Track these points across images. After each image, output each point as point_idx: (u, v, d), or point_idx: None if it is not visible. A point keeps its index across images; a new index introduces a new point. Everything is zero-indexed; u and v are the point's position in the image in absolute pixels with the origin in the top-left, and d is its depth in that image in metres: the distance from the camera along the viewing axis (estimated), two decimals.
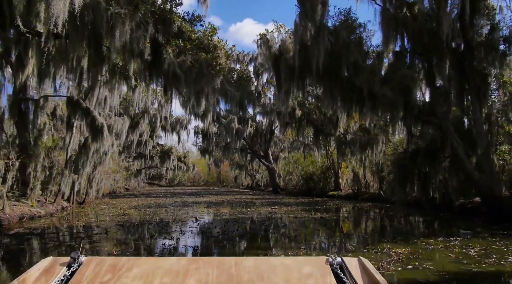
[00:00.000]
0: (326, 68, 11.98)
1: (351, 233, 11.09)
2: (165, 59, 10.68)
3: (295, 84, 13.23)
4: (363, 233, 11.06)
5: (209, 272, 1.62)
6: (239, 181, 59.22)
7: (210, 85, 11.20)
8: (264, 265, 1.69)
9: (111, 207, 19.63)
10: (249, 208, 19.20)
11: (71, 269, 1.60)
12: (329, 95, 12.71)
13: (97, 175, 21.87)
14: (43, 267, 1.62)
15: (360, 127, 23.61)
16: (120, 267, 1.63)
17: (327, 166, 29.87)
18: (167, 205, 21.21)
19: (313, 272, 1.63)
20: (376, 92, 11.59)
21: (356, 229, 11.97)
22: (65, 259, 1.67)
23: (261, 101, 37.77)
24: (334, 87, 12.44)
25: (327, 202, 23.84)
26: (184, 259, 1.75)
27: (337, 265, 1.67)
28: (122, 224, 11.97)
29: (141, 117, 32.55)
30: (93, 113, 16.33)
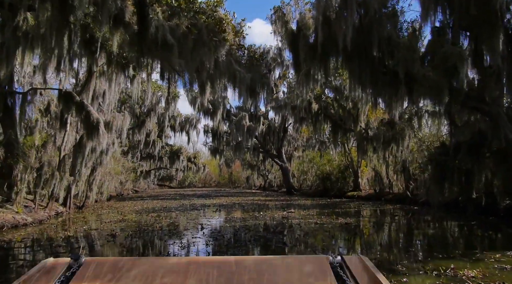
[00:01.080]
0: (353, 46, 10.04)
1: (390, 244, 9.13)
2: (151, 20, 8.79)
3: (317, 66, 11.31)
4: (406, 244, 9.08)
5: (210, 272, 1.61)
6: (251, 182, 57.39)
7: (212, 59, 9.33)
8: (264, 265, 1.69)
9: (112, 212, 17.96)
10: (262, 211, 17.33)
11: (71, 270, 1.59)
12: (356, 79, 10.74)
13: (98, 177, 20.24)
14: (44, 268, 1.61)
15: (382, 122, 21.55)
16: (120, 267, 1.62)
17: (345, 164, 27.83)
18: (173, 208, 19.46)
19: (313, 271, 1.63)
20: (414, 73, 9.62)
21: (395, 239, 10.00)
22: (66, 260, 1.67)
23: (273, 98, 35.91)
24: (363, 69, 10.49)
25: (346, 203, 21.83)
26: (185, 259, 1.83)
27: (337, 263, 1.66)
28: (115, 234, 10.19)
29: (147, 116, 30.91)
30: (88, 108, 14.64)
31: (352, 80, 10.98)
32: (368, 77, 10.41)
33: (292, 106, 21.45)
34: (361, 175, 27.20)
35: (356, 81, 10.75)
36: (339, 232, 10.59)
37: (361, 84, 10.71)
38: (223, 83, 11.23)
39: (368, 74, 10.39)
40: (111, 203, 24.40)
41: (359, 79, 10.59)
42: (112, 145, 18.55)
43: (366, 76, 10.45)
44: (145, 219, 14.31)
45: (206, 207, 20.33)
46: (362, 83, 10.66)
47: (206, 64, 9.48)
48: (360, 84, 10.78)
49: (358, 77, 10.56)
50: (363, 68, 10.41)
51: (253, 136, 32.15)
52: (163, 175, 63.06)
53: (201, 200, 28.02)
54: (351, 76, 10.96)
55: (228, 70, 10.87)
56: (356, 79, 10.68)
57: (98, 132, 14.56)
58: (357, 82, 10.79)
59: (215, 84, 11.26)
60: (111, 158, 20.41)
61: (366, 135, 20.57)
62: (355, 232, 10.40)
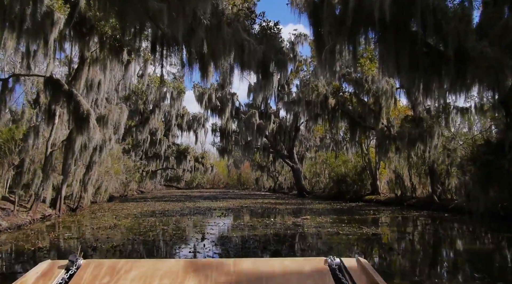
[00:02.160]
0: (390, 20, 8.14)
1: (451, 269, 7.17)
2: None
3: (344, 42, 9.38)
4: (469, 267, 7.12)
5: (208, 274, 1.61)
6: (260, 183, 55.48)
7: (208, 6, 7.43)
8: (263, 266, 1.69)
9: (108, 215, 16.25)
10: (273, 217, 15.47)
11: (69, 272, 1.58)
12: (391, 61, 8.79)
13: (94, 176, 18.56)
14: (41, 270, 1.60)
15: (406, 119, 19.53)
16: (118, 269, 1.62)
17: (362, 166, 25.81)
18: (175, 212, 17.68)
19: (312, 273, 1.63)
20: (468, 49, 7.69)
21: (452, 261, 8.02)
22: (63, 262, 1.65)
23: (284, 96, 34.06)
24: (401, 48, 8.56)
25: (365, 208, 19.84)
26: (183, 261, 1.76)
27: (335, 265, 1.65)
28: (95, 247, 8.41)
29: (151, 112, 29.23)
30: (77, 98, 12.92)
31: (385, 62, 9.02)
32: (405, 58, 8.46)
33: (306, 101, 19.54)
34: (379, 177, 25.18)
35: (390, 63, 8.81)
36: (369, 246, 8.68)
37: (398, 66, 8.73)
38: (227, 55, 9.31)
39: (405, 54, 8.44)
40: (111, 205, 22.75)
41: (394, 61, 8.63)
42: (109, 141, 16.84)
43: (403, 56, 8.51)
44: (140, 225, 12.55)
45: (211, 211, 18.52)
46: (399, 65, 8.69)
47: (200, 16, 7.56)
48: (396, 67, 8.80)
49: (394, 58, 8.59)
50: (401, 46, 8.46)
51: (263, 136, 30.29)
52: (170, 176, 61.51)
53: (207, 202, 26.23)
54: (384, 57, 9.00)
55: (234, 40, 8.96)
56: (391, 60, 8.72)
57: (88, 125, 12.83)
58: (391, 65, 8.84)
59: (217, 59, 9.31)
60: (108, 155, 18.71)
61: (388, 134, 18.58)
62: (391, 247, 8.46)
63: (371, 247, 8.63)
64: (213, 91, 31.08)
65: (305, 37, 31.57)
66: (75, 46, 13.49)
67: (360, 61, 17.03)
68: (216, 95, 31.83)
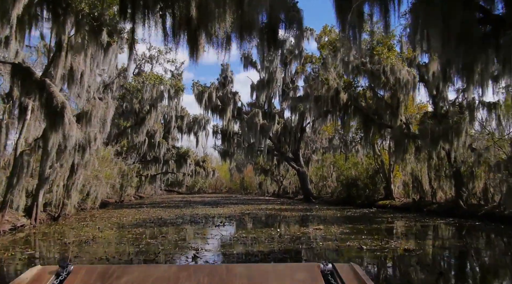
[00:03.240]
0: None
1: None
2: None
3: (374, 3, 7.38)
4: None
5: (200, 279, 1.58)
6: (264, 188, 53.43)
7: None
8: (256, 272, 1.67)
9: (91, 225, 14.35)
10: (279, 226, 13.49)
11: (59, 278, 1.56)
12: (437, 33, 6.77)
13: (78, 180, 16.66)
14: (31, 276, 1.57)
15: (425, 116, 17.54)
16: (109, 275, 1.59)
17: (375, 168, 23.79)
18: (168, 221, 15.74)
19: (304, 278, 1.61)
20: None
21: None
22: (54, 267, 1.62)
23: (289, 95, 32.14)
24: (449, 16, 6.59)
25: (382, 215, 17.83)
26: (175, 266, 1.75)
27: (328, 271, 1.63)
28: None
29: (148, 113, 27.33)
30: (50, 88, 11.04)
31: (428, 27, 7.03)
32: (456, 24, 6.48)
33: (315, 97, 17.58)
34: (393, 180, 23.16)
35: (436, 35, 6.81)
36: (408, 269, 6.69)
37: (443, 39, 6.72)
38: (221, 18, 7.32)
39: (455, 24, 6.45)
40: (102, 212, 20.85)
41: (439, 28, 6.66)
42: (94, 141, 14.94)
43: (450, 27, 6.55)
44: (123, 239, 10.61)
45: (210, 219, 16.56)
46: (444, 34, 6.72)
47: None
48: (440, 37, 6.82)
49: (441, 30, 6.60)
50: (448, 14, 6.49)
51: (267, 137, 28.33)
52: (171, 180, 59.66)
53: (208, 208, 24.27)
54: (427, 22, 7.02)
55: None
56: (437, 32, 6.71)
57: (62, 121, 10.93)
58: (436, 36, 6.84)
59: (209, 24, 7.31)
60: (95, 158, 16.81)
61: (407, 132, 16.58)
62: (441, 272, 6.46)
63: (411, 269, 6.64)
64: (213, 90, 29.21)
65: (311, 32, 29.69)
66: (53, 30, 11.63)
67: (377, 49, 15.13)
68: (217, 94, 29.94)
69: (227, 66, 31.38)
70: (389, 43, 15.66)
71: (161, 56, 30.32)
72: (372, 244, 9.04)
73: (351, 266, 1.69)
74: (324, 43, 17.36)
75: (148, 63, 30.72)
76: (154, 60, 30.51)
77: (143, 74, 25.76)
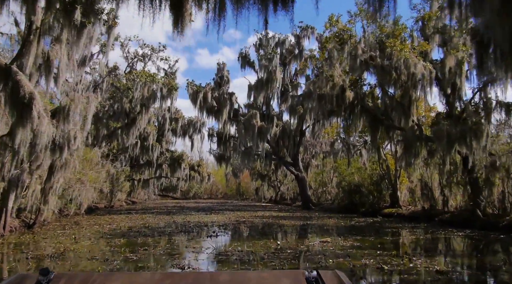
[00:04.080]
0: None
1: None
2: None
3: None
4: None
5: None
6: (260, 194, 51.85)
7: None
8: (240, 279, 1.66)
9: (67, 234, 12.80)
10: (278, 238, 11.98)
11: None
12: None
13: (57, 184, 15.10)
14: None
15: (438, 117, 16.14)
16: (91, 283, 1.55)
17: (380, 174, 22.33)
18: (156, 230, 14.21)
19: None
20: None
21: None
22: (35, 275, 1.56)
23: (288, 97, 30.72)
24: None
25: (390, 225, 16.37)
26: (159, 274, 1.73)
27: (312, 278, 1.61)
28: None
29: (139, 113, 25.77)
30: (17, 76, 9.52)
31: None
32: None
33: (319, 95, 16.05)
34: (399, 187, 21.71)
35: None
36: None
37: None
38: None
39: None
40: (86, 218, 19.29)
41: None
42: (73, 140, 13.39)
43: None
44: (96, 253, 9.05)
45: (202, 228, 15.02)
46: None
47: None
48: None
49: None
50: None
51: (265, 140, 26.81)
52: (166, 185, 58.00)
53: (201, 215, 22.71)
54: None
55: None
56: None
57: (30, 114, 9.41)
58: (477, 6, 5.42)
59: None
60: (76, 159, 15.26)
61: (419, 134, 15.13)
62: None
63: None
64: (208, 90, 27.72)
65: (312, 30, 28.37)
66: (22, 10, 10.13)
67: (390, 41, 13.70)
68: (213, 94, 28.45)
69: (223, 65, 29.93)
70: (401, 35, 14.27)
71: (154, 54, 28.91)
72: (393, 263, 7.54)
73: (335, 273, 1.66)
74: (329, 37, 15.94)
75: (141, 61, 29.29)
76: (147, 58, 29.08)
77: (133, 72, 24.25)
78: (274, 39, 29.80)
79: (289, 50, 30.65)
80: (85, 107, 12.74)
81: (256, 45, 29.96)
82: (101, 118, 24.66)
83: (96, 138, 25.40)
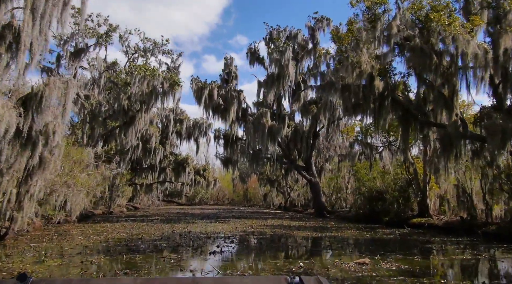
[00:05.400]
0: None
1: None
2: None
3: None
4: None
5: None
6: (269, 200, 49.37)
7: None
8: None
9: (41, 248, 10.55)
10: (299, 255, 9.58)
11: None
12: None
13: (35, 188, 12.84)
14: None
15: (484, 109, 13.66)
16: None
17: (407, 178, 19.82)
18: (148, 244, 11.89)
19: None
20: None
21: None
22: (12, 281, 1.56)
23: (300, 96, 28.37)
24: None
25: (427, 239, 13.89)
26: (140, 279, 1.68)
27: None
28: None
29: (138, 110, 23.55)
30: None
31: None
32: None
33: (343, 86, 13.57)
34: (429, 193, 19.19)
35: None
36: None
37: None
38: None
39: None
40: (75, 227, 17.10)
41: None
42: (52, 135, 11.17)
43: None
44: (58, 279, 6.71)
45: (204, 240, 12.68)
46: None
47: None
48: None
49: None
50: None
51: (276, 140, 24.42)
52: (171, 190, 55.78)
53: (205, 223, 20.38)
54: None
55: None
56: None
57: None
58: None
59: None
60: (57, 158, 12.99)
61: (464, 130, 12.68)
62: None
63: None
64: (215, 87, 25.45)
65: (328, 22, 26.04)
66: None
67: (433, 16, 11.30)
68: (219, 92, 26.17)
69: (231, 59, 27.60)
70: (450, 6, 11.85)
71: (156, 49, 26.80)
72: None
73: (318, 279, 1.65)
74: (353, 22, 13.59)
75: (142, 57, 27.18)
76: (148, 53, 26.97)
77: (131, 64, 22.11)
78: (285, 33, 27.51)
79: (301, 45, 28.32)
80: (63, 94, 10.48)
81: (266, 39, 27.69)
82: (96, 116, 22.48)
83: (92, 138, 23.22)
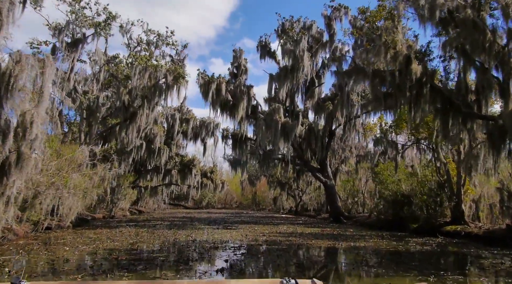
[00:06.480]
0: None
1: None
2: None
3: None
4: None
5: None
6: (279, 204, 47.30)
7: None
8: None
9: (10, 263, 8.62)
10: (332, 279, 7.54)
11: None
12: None
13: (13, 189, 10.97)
14: None
15: None
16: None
17: (438, 181, 17.63)
18: (141, 257, 9.93)
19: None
20: None
21: None
22: None
23: (314, 93, 26.31)
24: None
25: (467, 249, 11.76)
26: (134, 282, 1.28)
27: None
28: None
29: (140, 107, 21.66)
30: None
31: None
32: None
33: (374, 71, 11.46)
34: (463, 198, 17.00)
35: None
36: None
37: None
38: None
39: None
40: (66, 234, 15.31)
41: None
42: (29, 126, 9.28)
43: None
44: None
45: (210, 252, 10.68)
46: None
47: None
48: None
49: None
50: None
51: (290, 139, 22.34)
52: (177, 193, 53.97)
53: (211, 230, 18.42)
54: None
55: None
56: None
57: None
58: None
59: None
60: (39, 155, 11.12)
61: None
62: None
63: None
64: (223, 81, 23.52)
65: (346, 11, 23.98)
66: None
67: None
68: (227, 88, 24.23)
69: (241, 52, 25.60)
70: None
71: (160, 41, 24.94)
72: None
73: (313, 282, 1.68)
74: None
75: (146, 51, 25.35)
76: (152, 46, 25.11)
77: (131, 54, 20.29)
78: (299, 23, 25.51)
79: (315, 37, 26.30)
80: (39, 75, 8.57)
81: (278, 31, 25.72)
82: (94, 112, 20.65)
83: (89, 136, 21.39)
